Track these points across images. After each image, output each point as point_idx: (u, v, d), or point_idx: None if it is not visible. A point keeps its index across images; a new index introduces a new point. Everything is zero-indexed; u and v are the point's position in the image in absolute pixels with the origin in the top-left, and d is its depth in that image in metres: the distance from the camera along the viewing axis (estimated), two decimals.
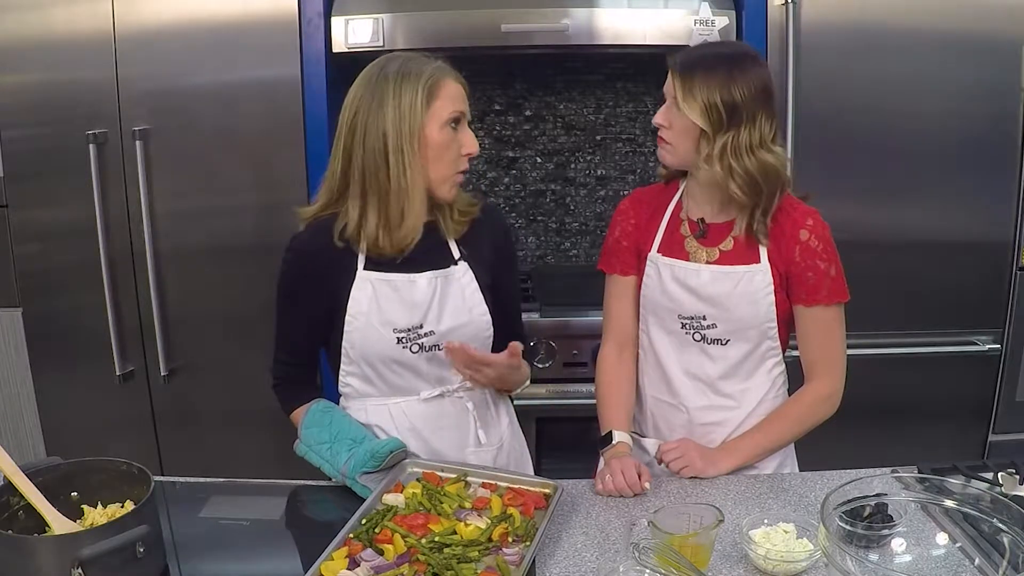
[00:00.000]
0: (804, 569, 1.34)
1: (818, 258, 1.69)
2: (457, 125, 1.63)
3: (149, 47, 2.43)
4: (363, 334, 1.67)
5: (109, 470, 1.44)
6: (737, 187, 1.64)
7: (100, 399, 2.61)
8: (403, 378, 1.71)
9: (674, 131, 1.68)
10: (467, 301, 1.71)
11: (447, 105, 1.60)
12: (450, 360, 1.68)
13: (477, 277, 1.73)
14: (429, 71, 1.60)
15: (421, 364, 1.70)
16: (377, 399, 1.74)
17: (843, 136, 2.51)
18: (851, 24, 2.47)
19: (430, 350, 1.69)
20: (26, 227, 2.54)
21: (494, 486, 1.53)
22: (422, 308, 1.67)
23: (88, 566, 1.21)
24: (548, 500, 1.50)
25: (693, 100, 1.62)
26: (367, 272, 1.66)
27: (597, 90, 3.08)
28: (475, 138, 1.65)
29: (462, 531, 1.39)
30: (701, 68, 1.63)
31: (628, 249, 1.82)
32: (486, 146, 3.11)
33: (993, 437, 2.71)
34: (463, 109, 1.63)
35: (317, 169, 2.50)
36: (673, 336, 1.77)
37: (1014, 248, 2.59)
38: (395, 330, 1.67)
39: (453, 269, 1.71)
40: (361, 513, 1.42)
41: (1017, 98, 2.49)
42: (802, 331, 1.74)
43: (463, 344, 1.64)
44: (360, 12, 2.48)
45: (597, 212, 3.18)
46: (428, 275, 1.68)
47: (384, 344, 1.67)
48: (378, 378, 1.72)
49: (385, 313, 1.66)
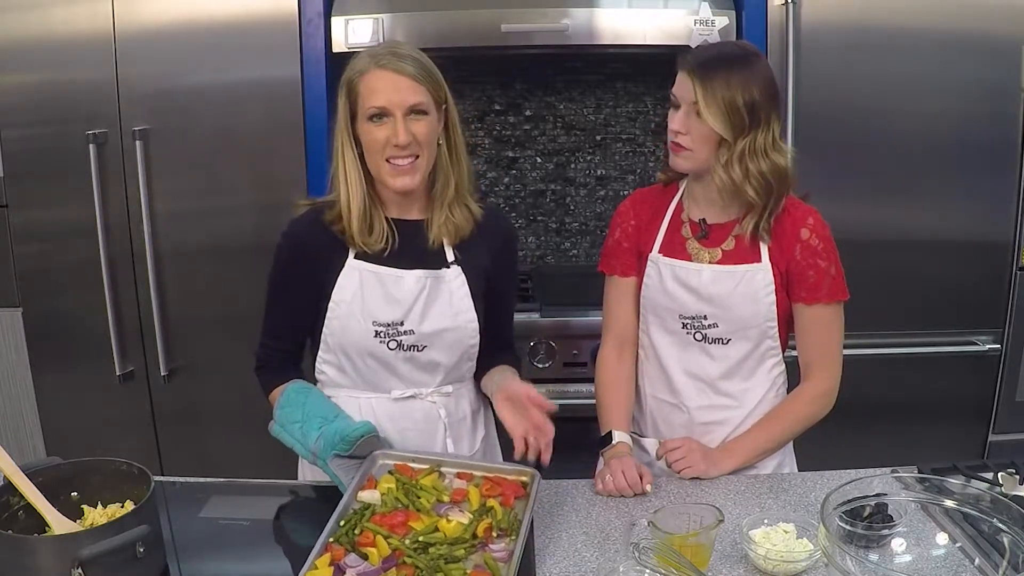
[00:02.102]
0: (804, 569, 1.34)
1: (819, 257, 1.69)
2: (381, 119, 1.58)
3: (149, 47, 2.43)
4: (343, 323, 1.67)
5: (109, 470, 1.44)
6: (753, 190, 1.63)
7: (100, 399, 2.61)
8: (376, 374, 1.70)
9: (692, 138, 1.64)
10: (454, 306, 1.69)
11: (367, 99, 1.58)
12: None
13: (470, 282, 1.70)
14: (358, 66, 1.59)
15: (396, 362, 1.68)
16: (349, 391, 1.73)
17: (843, 136, 2.51)
18: (851, 24, 2.47)
19: (408, 349, 1.67)
20: (26, 227, 2.54)
21: (469, 476, 1.50)
22: (405, 305, 1.66)
23: (88, 566, 1.21)
24: (526, 488, 1.47)
25: (716, 108, 1.60)
26: (357, 262, 1.66)
27: (597, 90, 3.08)
28: (403, 128, 1.57)
29: (444, 528, 1.36)
30: (720, 73, 1.60)
31: (628, 250, 1.82)
32: (486, 146, 3.11)
33: (993, 437, 2.71)
34: (384, 103, 1.57)
35: (317, 169, 2.50)
36: (674, 336, 1.77)
37: (1014, 248, 2.59)
38: (375, 323, 1.66)
39: (445, 271, 1.69)
40: (338, 515, 1.37)
41: (1017, 98, 2.49)
42: (801, 329, 1.74)
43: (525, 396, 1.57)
44: (360, 12, 2.47)
45: (597, 212, 3.18)
46: (417, 273, 1.67)
47: (362, 336, 1.66)
48: (352, 369, 1.71)
49: (368, 304, 1.65)
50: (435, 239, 1.68)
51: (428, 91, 1.60)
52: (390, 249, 1.66)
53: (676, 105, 1.66)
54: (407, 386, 1.71)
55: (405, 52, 1.60)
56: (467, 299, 1.69)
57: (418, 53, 1.62)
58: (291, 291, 1.72)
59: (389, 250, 1.65)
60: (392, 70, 1.57)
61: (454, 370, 1.73)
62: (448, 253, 1.70)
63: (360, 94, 1.58)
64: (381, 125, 1.58)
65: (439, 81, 1.63)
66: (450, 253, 1.70)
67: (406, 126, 1.57)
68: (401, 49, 1.61)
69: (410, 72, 1.58)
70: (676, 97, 1.66)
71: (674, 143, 1.67)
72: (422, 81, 1.59)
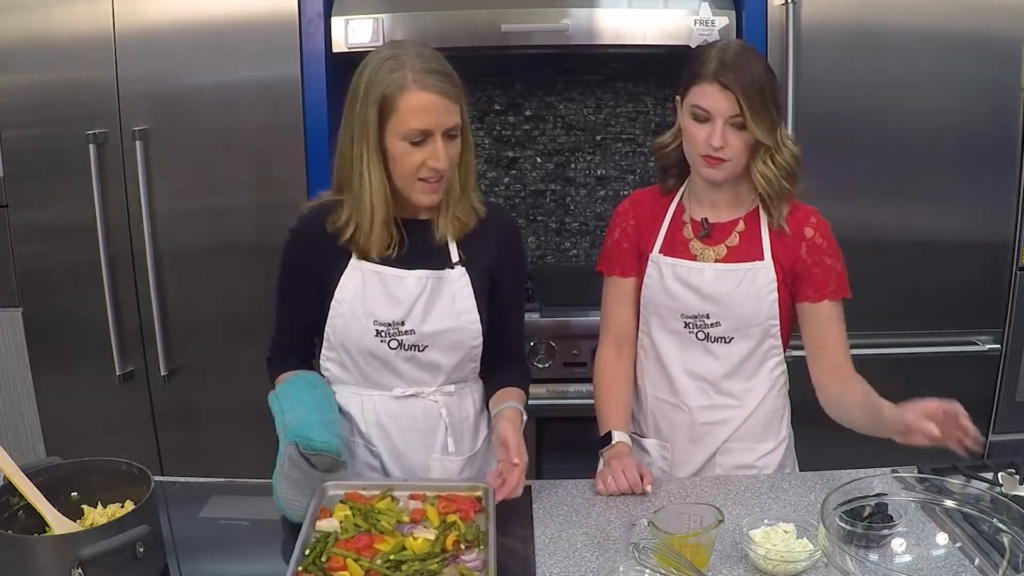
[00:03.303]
0: (804, 569, 1.34)
1: (825, 255, 1.70)
2: (421, 140, 1.54)
3: (149, 47, 2.43)
4: (345, 322, 1.67)
5: (109, 470, 1.44)
6: (788, 181, 1.65)
7: (100, 399, 2.61)
8: (377, 372, 1.70)
9: (733, 149, 1.62)
10: (457, 306, 1.68)
11: (407, 120, 1.52)
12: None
13: (474, 282, 1.69)
14: (393, 81, 1.52)
15: (398, 361, 1.68)
16: (352, 387, 1.73)
17: (843, 136, 2.51)
18: (851, 24, 2.47)
19: (409, 349, 1.67)
20: (26, 227, 2.54)
21: (423, 496, 1.51)
22: (406, 305, 1.65)
23: (88, 566, 1.21)
24: (481, 502, 1.49)
25: (761, 119, 1.60)
26: (360, 261, 1.66)
27: (597, 90, 3.08)
28: (443, 152, 1.55)
29: (412, 545, 1.36)
30: (755, 83, 1.59)
31: (628, 251, 1.82)
32: (486, 146, 3.11)
33: (993, 437, 2.70)
34: (427, 125, 1.53)
35: (317, 169, 2.50)
36: (676, 336, 1.77)
37: (1014, 248, 2.59)
38: (376, 323, 1.65)
39: (449, 272, 1.68)
40: (301, 545, 1.36)
41: (1017, 98, 2.49)
42: (817, 330, 1.72)
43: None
44: (360, 12, 2.47)
45: (597, 212, 3.18)
46: (419, 273, 1.66)
47: (363, 335, 1.66)
48: (354, 367, 1.71)
49: (369, 304, 1.65)
50: (441, 236, 1.67)
51: (460, 110, 1.58)
52: (398, 250, 1.65)
53: (704, 119, 1.62)
54: (408, 385, 1.71)
55: (441, 68, 1.55)
56: (470, 300, 1.68)
57: (444, 62, 1.57)
58: (296, 289, 1.72)
59: (398, 251, 1.65)
60: (437, 93, 1.52)
61: (456, 370, 1.72)
62: (453, 253, 1.69)
63: (399, 111, 1.52)
64: (419, 147, 1.54)
65: (464, 92, 1.59)
66: (455, 253, 1.69)
67: (446, 150, 1.55)
68: (434, 63, 1.55)
69: (450, 93, 1.54)
70: (707, 111, 1.61)
71: (712, 157, 1.63)
72: (457, 101, 1.56)
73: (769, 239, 1.71)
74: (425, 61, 1.54)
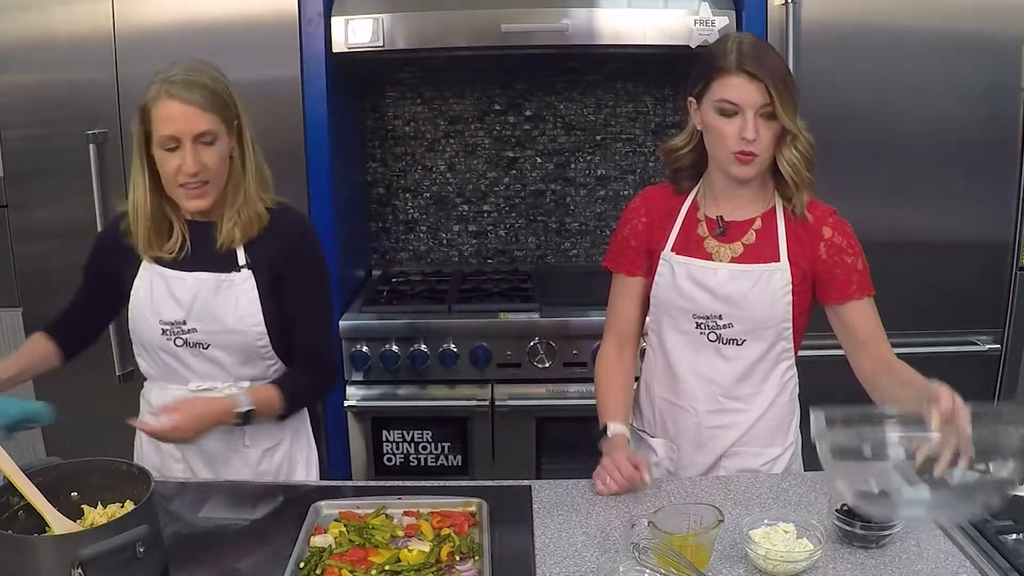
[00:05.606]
0: (804, 569, 1.34)
1: (844, 253, 1.67)
2: (174, 147, 1.63)
3: (149, 47, 2.43)
4: (136, 322, 1.78)
5: (109, 470, 1.44)
6: (807, 170, 1.64)
7: (100, 399, 2.60)
8: (171, 367, 1.78)
9: (763, 142, 1.60)
10: (240, 309, 1.73)
11: (158, 127, 1.62)
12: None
13: (260, 285, 1.74)
14: (151, 92, 1.63)
15: (187, 357, 1.75)
16: (158, 382, 1.83)
17: (843, 136, 2.50)
18: (851, 24, 2.47)
19: (195, 346, 1.74)
20: (26, 227, 2.54)
21: (417, 512, 1.52)
22: (186, 305, 1.73)
23: (88, 566, 1.21)
24: (475, 516, 1.50)
25: (788, 106, 1.58)
26: (150, 264, 1.75)
27: (597, 90, 3.09)
28: (191, 158, 1.62)
29: (407, 557, 1.37)
30: (779, 68, 1.59)
31: (636, 249, 1.79)
32: (486, 146, 3.11)
33: None
34: (174, 131, 1.61)
35: (317, 169, 2.50)
36: (687, 337, 1.74)
37: (1014, 248, 2.59)
38: (161, 321, 1.74)
39: (234, 275, 1.73)
40: (295, 559, 1.37)
41: (1017, 98, 2.49)
42: (850, 329, 1.69)
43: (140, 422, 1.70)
44: (360, 12, 2.48)
45: (597, 212, 3.18)
46: (200, 275, 1.73)
47: (152, 333, 1.75)
48: (153, 363, 1.80)
49: (155, 304, 1.74)
50: (224, 241, 1.72)
51: (217, 118, 1.65)
52: (184, 252, 1.73)
53: (732, 112, 1.59)
54: (202, 380, 1.77)
55: (195, 79, 1.64)
56: (255, 303, 1.73)
57: (210, 77, 1.66)
58: (90, 290, 1.86)
59: (182, 253, 1.73)
60: (180, 100, 1.61)
61: (246, 367, 1.77)
62: (240, 256, 1.74)
63: (153, 120, 1.63)
64: (173, 153, 1.63)
65: (228, 104, 1.67)
66: (242, 256, 1.74)
67: (195, 155, 1.63)
68: (192, 76, 1.64)
69: (198, 101, 1.62)
70: (736, 103, 1.57)
71: (745, 153, 1.60)
72: (210, 109, 1.64)
73: (786, 240, 1.69)
74: (182, 73, 1.64)
